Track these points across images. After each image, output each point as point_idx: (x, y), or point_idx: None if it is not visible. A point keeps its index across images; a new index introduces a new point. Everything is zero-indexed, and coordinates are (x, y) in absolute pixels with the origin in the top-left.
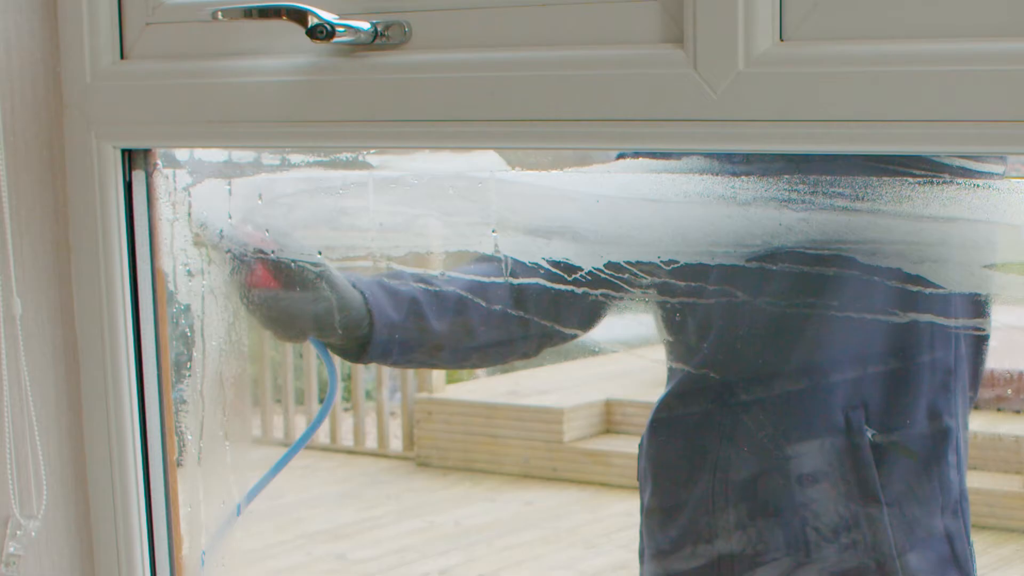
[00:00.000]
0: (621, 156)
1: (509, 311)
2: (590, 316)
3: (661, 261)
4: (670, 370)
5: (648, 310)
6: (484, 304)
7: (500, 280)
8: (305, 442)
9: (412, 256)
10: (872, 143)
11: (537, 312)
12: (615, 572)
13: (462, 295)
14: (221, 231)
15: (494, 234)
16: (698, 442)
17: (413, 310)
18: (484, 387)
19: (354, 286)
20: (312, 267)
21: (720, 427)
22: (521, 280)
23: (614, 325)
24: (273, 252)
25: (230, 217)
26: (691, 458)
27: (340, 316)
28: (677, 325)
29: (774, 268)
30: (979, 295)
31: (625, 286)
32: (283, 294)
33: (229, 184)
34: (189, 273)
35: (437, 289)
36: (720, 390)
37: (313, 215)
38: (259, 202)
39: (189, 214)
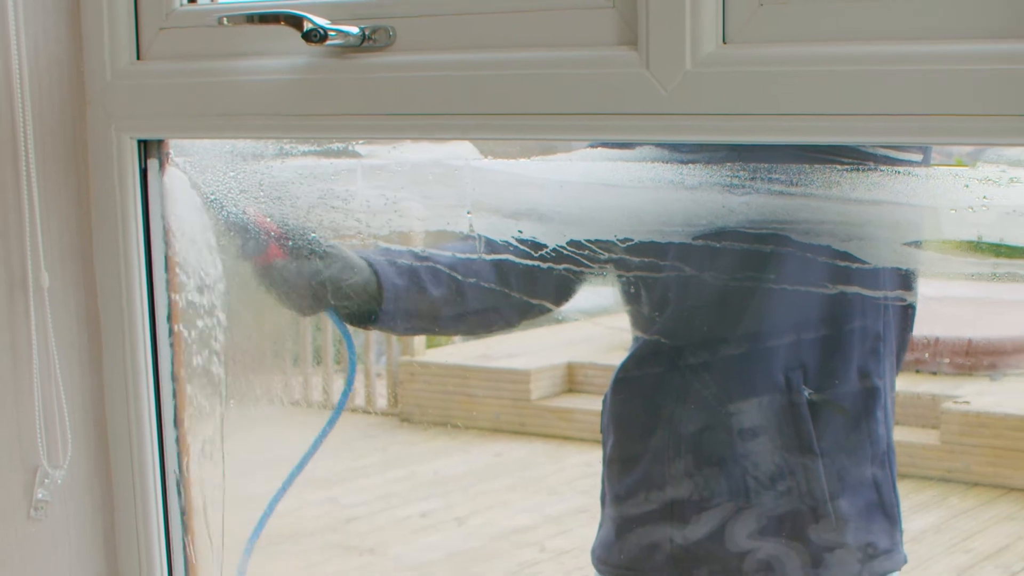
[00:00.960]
0: (590, 145)
1: (488, 285)
2: (562, 292)
3: (617, 239)
4: (634, 337)
5: (607, 283)
6: (463, 278)
7: (474, 256)
8: (338, 416)
9: (396, 235)
10: (805, 134)
11: (515, 286)
12: (576, 516)
13: (450, 271)
14: (227, 214)
15: (469, 215)
16: (654, 400)
17: (414, 279)
18: (460, 351)
19: (361, 257)
20: (318, 243)
21: (673, 387)
22: (493, 256)
23: (576, 296)
24: (274, 233)
25: (235, 205)
26: (647, 414)
27: (350, 283)
28: (632, 297)
29: (719, 246)
30: (902, 270)
31: (585, 261)
32: (294, 267)
33: (233, 172)
34: (206, 251)
35: (429, 264)
36: (673, 354)
37: (308, 198)
38: (260, 188)
39: (201, 199)
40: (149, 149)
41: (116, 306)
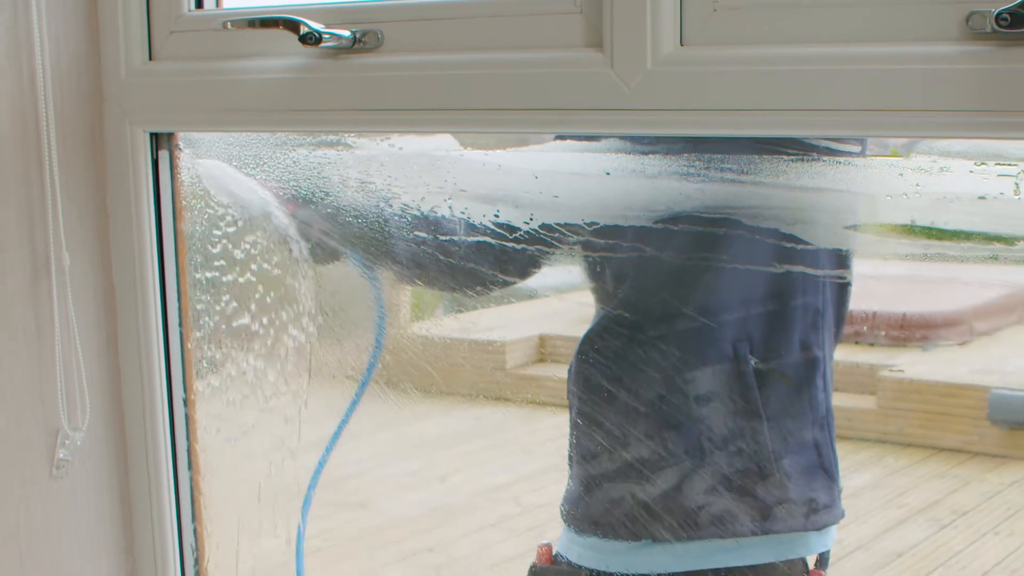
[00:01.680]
0: (557, 138)
1: (465, 262)
2: (529, 268)
3: (584, 223)
4: (597, 311)
5: (574, 262)
6: (443, 257)
7: (456, 238)
8: (369, 379)
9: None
10: (754, 128)
11: (486, 262)
12: (548, 474)
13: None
14: (231, 190)
15: (449, 201)
16: (615, 368)
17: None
18: (441, 326)
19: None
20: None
21: (633, 356)
22: (472, 238)
23: (547, 275)
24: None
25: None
26: (609, 381)
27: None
28: (597, 274)
29: (676, 228)
30: (841, 251)
31: (555, 243)
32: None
33: (237, 163)
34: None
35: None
36: (633, 327)
37: (307, 186)
38: (261, 172)
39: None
40: (160, 141)
41: (130, 283)
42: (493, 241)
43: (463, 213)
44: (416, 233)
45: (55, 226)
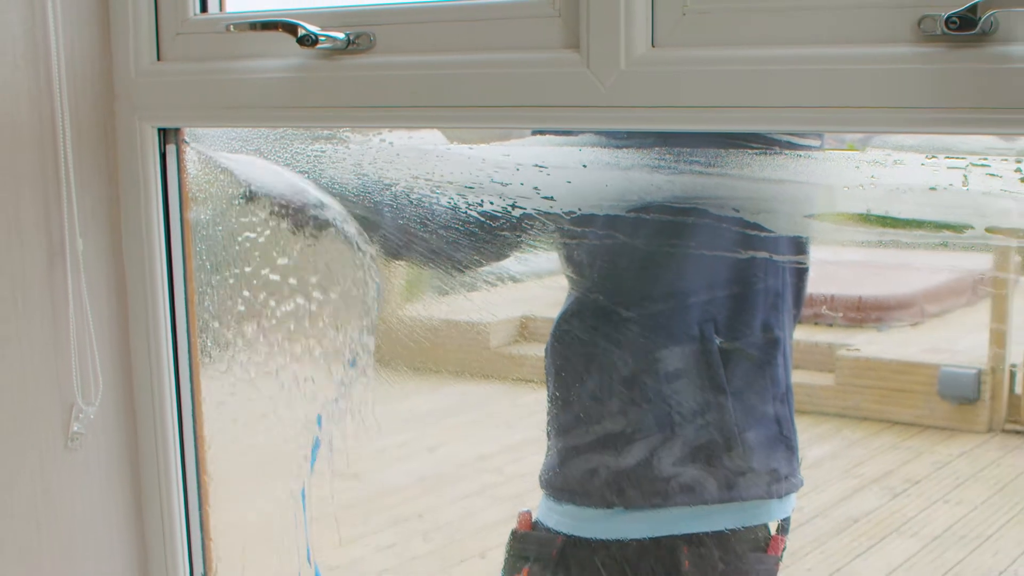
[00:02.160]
0: (536, 133)
1: (449, 245)
2: (504, 251)
3: (563, 212)
4: (569, 293)
5: (552, 248)
6: (429, 240)
7: (441, 222)
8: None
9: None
10: (720, 124)
11: (469, 245)
12: (529, 445)
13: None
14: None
15: (436, 191)
16: (588, 347)
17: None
18: (430, 309)
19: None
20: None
21: (606, 336)
22: (457, 223)
23: (528, 260)
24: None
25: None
26: (582, 359)
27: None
28: (574, 260)
29: (647, 217)
30: (801, 238)
31: (535, 230)
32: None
33: (241, 152)
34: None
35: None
36: (606, 308)
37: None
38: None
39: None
40: (167, 136)
41: (139, 267)
42: (476, 227)
43: (449, 201)
44: (404, 218)
45: (69, 214)
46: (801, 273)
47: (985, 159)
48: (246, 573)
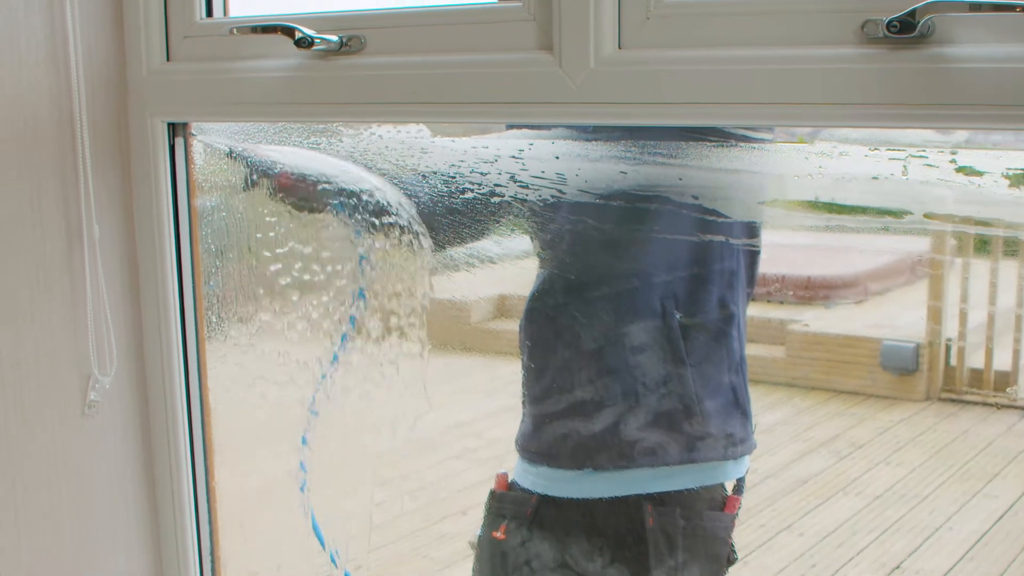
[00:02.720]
0: (511, 127)
1: (432, 227)
2: (483, 233)
3: (536, 199)
4: (539, 273)
5: (526, 232)
6: (414, 221)
7: (425, 206)
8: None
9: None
10: (681, 119)
11: (451, 227)
12: (506, 412)
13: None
14: (234, 153)
15: (421, 179)
16: (559, 323)
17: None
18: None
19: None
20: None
21: (575, 313)
22: (439, 207)
23: (504, 242)
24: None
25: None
26: (554, 334)
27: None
28: (547, 242)
29: (614, 204)
30: (754, 223)
31: (511, 215)
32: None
33: (245, 143)
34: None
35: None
36: (575, 287)
37: (305, 165)
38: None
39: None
40: (176, 130)
41: (150, 250)
42: (458, 212)
43: (433, 188)
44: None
45: (87, 202)
46: (754, 255)
47: (923, 151)
48: (249, 529)
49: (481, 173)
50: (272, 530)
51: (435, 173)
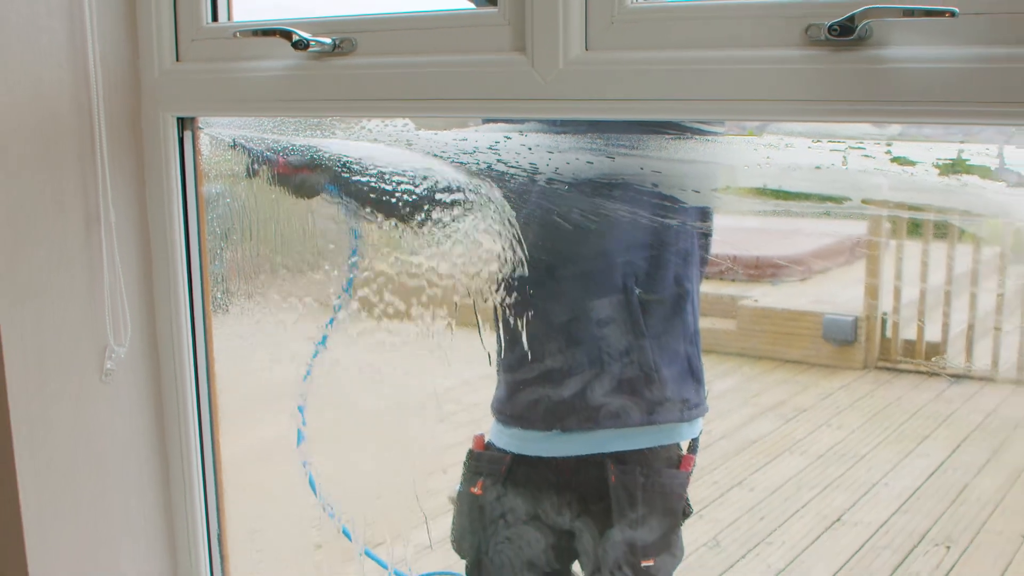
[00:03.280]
0: (487, 121)
1: (414, 208)
2: (461, 216)
3: (510, 186)
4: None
5: (502, 215)
6: (400, 203)
7: (409, 191)
8: (349, 288)
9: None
10: (642, 114)
11: (432, 208)
12: (483, 380)
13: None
14: (238, 144)
15: (406, 167)
16: (531, 299)
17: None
18: (402, 264)
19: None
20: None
21: (546, 289)
22: (421, 190)
23: (481, 223)
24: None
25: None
26: (526, 308)
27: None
28: (521, 226)
29: (581, 190)
30: (707, 208)
31: (487, 198)
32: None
33: (244, 140)
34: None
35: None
36: (545, 265)
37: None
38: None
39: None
40: (185, 124)
41: (161, 232)
42: (440, 195)
43: (416, 175)
44: (382, 186)
45: (103, 189)
46: (707, 236)
47: (861, 143)
48: (252, 484)
49: (461, 163)
50: (271, 485)
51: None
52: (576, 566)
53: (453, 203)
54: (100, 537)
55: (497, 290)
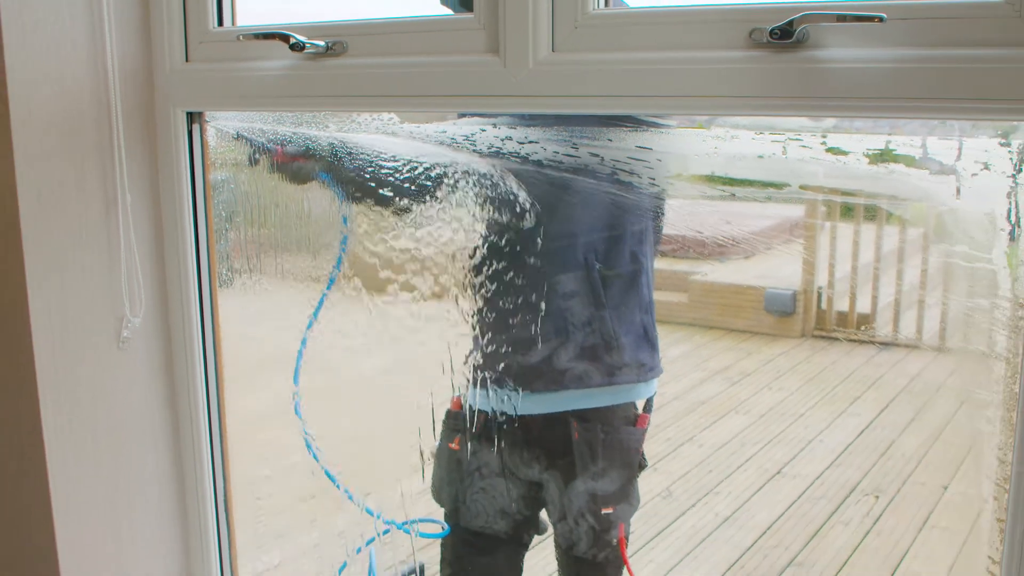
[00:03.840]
0: (462, 115)
1: (397, 193)
2: (442, 201)
3: (484, 173)
4: (484, 233)
5: (476, 197)
6: (382, 189)
7: (392, 178)
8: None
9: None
10: (603, 108)
11: (414, 193)
12: (461, 344)
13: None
14: (237, 133)
15: (390, 156)
16: (503, 275)
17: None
18: (387, 243)
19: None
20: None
21: (515, 266)
22: (403, 178)
23: (459, 207)
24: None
25: (256, 153)
26: (499, 284)
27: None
28: (489, 208)
29: (548, 177)
30: (660, 193)
31: (462, 183)
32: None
33: (247, 132)
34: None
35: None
36: (515, 244)
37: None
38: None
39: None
40: (193, 117)
41: (172, 214)
42: (422, 181)
43: (399, 163)
44: (367, 173)
45: (120, 176)
46: (660, 217)
47: (799, 135)
48: (254, 441)
49: (440, 151)
50: (271, 441)
51: (401, 153)
52: (544, 513)
53: (436, 180)
54: (119, 486)
55: (472, 270)
